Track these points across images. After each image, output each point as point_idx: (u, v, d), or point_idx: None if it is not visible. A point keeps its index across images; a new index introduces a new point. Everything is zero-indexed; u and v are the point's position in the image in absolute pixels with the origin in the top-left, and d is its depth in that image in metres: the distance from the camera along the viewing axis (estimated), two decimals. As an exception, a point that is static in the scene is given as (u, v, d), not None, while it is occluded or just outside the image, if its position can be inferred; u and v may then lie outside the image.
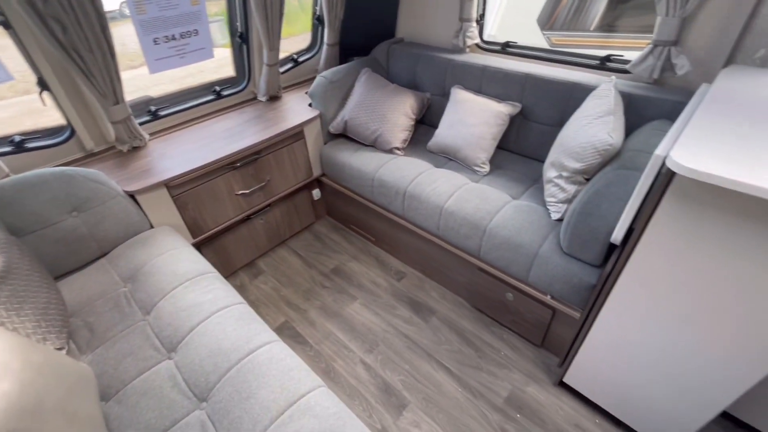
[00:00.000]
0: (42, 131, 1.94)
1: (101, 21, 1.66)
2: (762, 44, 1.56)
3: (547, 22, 2.98)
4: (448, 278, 2.24)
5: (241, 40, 2.44)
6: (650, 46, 1.80)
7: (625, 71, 1.99)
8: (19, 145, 1.85)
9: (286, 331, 2.12)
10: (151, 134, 2.25)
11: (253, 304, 2.29)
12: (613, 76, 1.87)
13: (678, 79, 1.84)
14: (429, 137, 2.47)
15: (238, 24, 2.38)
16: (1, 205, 1.50)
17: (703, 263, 1.06)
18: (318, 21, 2.79)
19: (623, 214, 1.26)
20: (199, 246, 2.20)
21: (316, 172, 2.63)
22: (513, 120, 2.22)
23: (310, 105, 2.56)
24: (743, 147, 0.96)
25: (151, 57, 2.08)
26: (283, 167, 2.40)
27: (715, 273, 1.05)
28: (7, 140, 1.82)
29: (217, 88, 2.53)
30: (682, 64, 1.76)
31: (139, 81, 2.95)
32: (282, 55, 2.59)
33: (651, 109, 1.76)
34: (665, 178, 1.03)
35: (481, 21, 2.53)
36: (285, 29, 2.43)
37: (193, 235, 2.11)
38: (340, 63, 2.90)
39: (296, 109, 2.53)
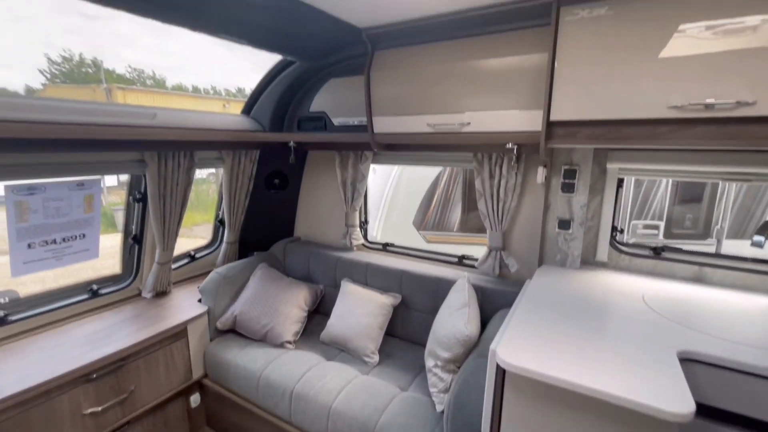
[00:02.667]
0: None
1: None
2: (556, 251, 2.14)
3: (421, 223, 3.72)
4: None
5: (133, 242, 2.50)
6: (487, 250, 2.33)
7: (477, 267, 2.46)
8: None
9: None
10: (-10, 343, 1.91)
11: None
12: (466, 273, 2.30)
13: (514, 273, 2.32)
14: (322, 327, 2.52)
15: (133, 227, 2.47)
16: None
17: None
18: (220, 223, 3.04)
19: (483, 405, 1.36)
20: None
21: (198, 373, 2.38)
22: (396, 309, 2.44)
23: (199, 301, 2.52)
24: (550, 340, 1.21)
25: (18, 260, 1.97)
26: (155, 373, 2.13)
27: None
28: None
29: (95, 287, 2.39)
30: (513, 264, 2.26)
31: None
32: (180, 251, 2.66)
33: (499, 299, 2.14)
34: (501, 370, 1.20)
35: (365, 225, 3.03)
36: (199, 216, 2.58)
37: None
38: (240, 257, 3.06)
39: (183, 306, 2.45)
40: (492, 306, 2.14)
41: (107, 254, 2.55)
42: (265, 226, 3.17)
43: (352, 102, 2.37)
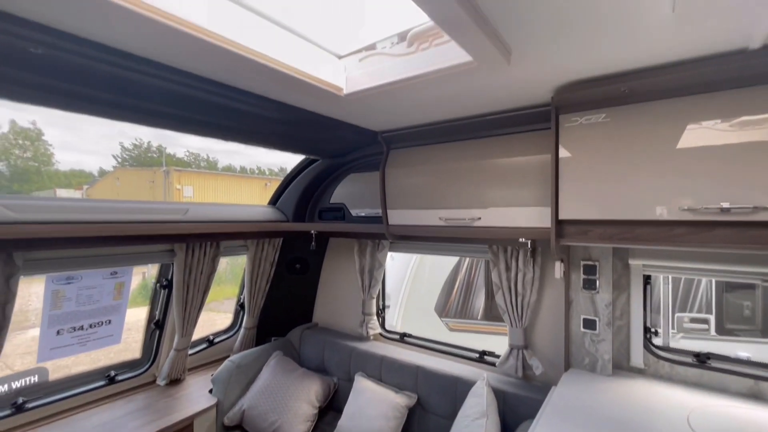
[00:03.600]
0: None
1: (2, 323, 1.73)
2: (584, 353, 1.96)
3: (443, 309, 3.58)
4: None
5: (155, 327, 2.57)
6: (508, 348, 2.18)
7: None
8: None
9: None
10: (7, 430, 1.93)
11: None
12: (486, 374, 2.13)
13: (540, 376, 2.12)
14: (333, 427, 2.35)
15: (157, 312, 2.56)
16: None
17: None
18: (240, 307, 3.09)
19: None
20: None
21: (198, 476, 2.23)
22: (412, 411, 2.26)
23: (210, 391, 2.47)
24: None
25: (46, 347, 2.07)
26: (155, 474, 2.03)
27: None
28: None
29: (113, 373, 2.42)
30: (537, 365, 2.08)
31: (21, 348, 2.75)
32: (206, 323, 2.69)
33: (522, 407, 1.93)
34: None
35: (382, 314, 2.97)
36: (230, 290, 2.64)
37: None
38: (257, 344, 3.03)
39: (193, 396, 2.40)
40: (514, 415, 1.93)
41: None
42: (284, 310, 3.18)
43: (369, 195, 2.49)
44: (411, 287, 3.60)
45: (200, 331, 2.71)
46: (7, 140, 20.43)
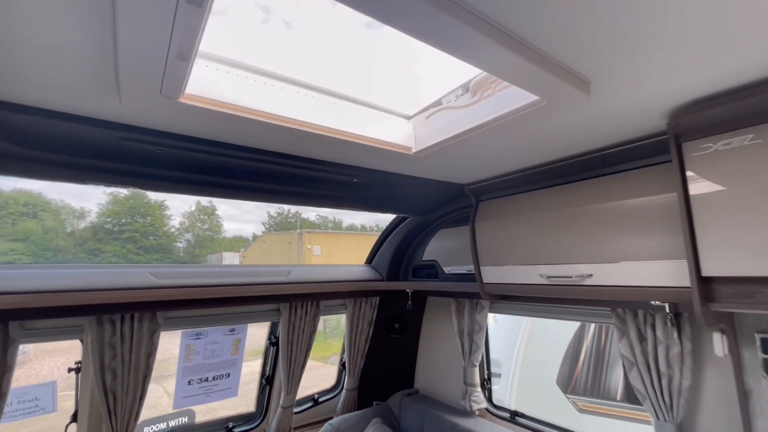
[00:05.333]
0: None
1: (146, 372, 2.07)
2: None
3: (567, 384, 2.96)
4: None
5: (266, 382, 2.75)
6: (656, 450, 1.63)
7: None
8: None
9: None
10: (143, 472, 2.23)
11: None
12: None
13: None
14: None
15: (267, 368, 2.75)
16: None
17: None
18: (343, 366, 3.12)
19: None
20: None
21: None
22: None
23: (310, 455, 2.45)
24: None
25: (179, 395, 2.39)
26: None
27: None
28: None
29: (231, 425, 2.63)
30: (705, 482, 1.49)
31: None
32: (307, 391, 2.78)
33: None
34: None
35: (488, 384, 2.61)
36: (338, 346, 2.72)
37: None
38: (359, 406, 2.97)
39: (294, 459, 2.42)
40: None
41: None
42: (385, 372, 3.08)
43: (461, 251, 2.33)
44: (525, 353, 3.12)
45: (313, 381, 2.80)
46: (194, 216, 26.52)
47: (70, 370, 2.05)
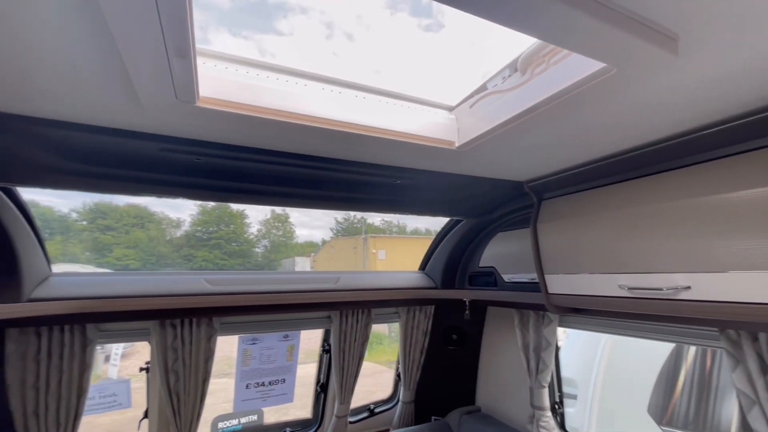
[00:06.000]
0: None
1: (205, 375, 2.15)
2: None
3: (662, 413, 2.47)
4: None
5: (320, 390, 2.73)
6: None
7: None
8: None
9: None
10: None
11: None
12: None
13: None
14: None
15: (321, 376, 2.73)
16: None
17: None
18: (399, 377, 2.99)
19: None
20: None
21: None
22: None
23: (364, 468, 2.36)
24: None
25: (239, 398, 2.46)
26: None
27: None
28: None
29: (288, 430, 2.65)
30: None
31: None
32: (361, 401, 2.71)
33: None
34: None
35: (560, 409, 2.29)
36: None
37: None
38: (416, 421, 2.82)
39: (348, 472, 2.34)
40: None
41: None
42: (443, 386, 2.89)
43: (522, 257, 2.07)
44: (606, 373, 2.70)
45: (378, 386, 2.72)
46: (269, 223, 28.50)
47: (141, 369, 2.21)
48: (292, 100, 1.16)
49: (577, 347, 2.94)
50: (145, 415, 2.22)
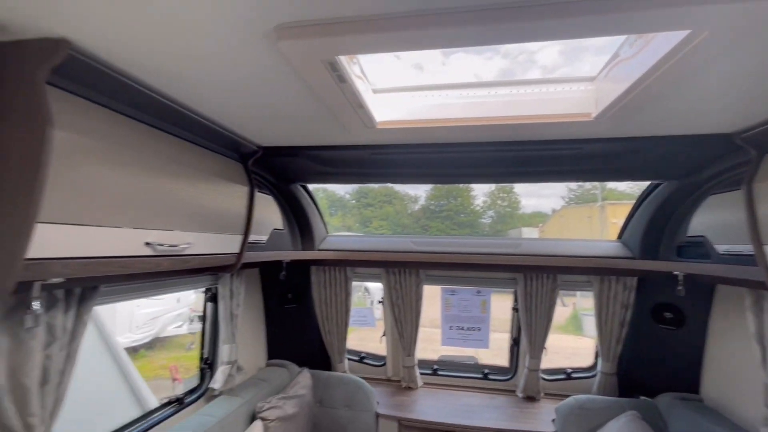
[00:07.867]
0: (372, 356, 3.32)
1: (417, 311, 2.90)
2: None
3: None
4: None
5: (513, 342, 3.05)
6: None
7: None
8: (360, 359, 3.27)
9: None
10: (425, 383, 3.13)
11: None
12: None
13: None
14: None
15: (514, 330, 3.04)
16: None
17: None
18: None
19: None
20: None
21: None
22: None
23: (553, 420, 2.57)
24: None
25: (445, 336, 3.14)
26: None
27: None
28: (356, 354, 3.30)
29: (486, 371, 3.14)
30: None
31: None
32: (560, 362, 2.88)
33: None
34: None
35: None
36: None
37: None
38: (621, 394, 2.71)
39: (540, 419, 2.61)
40: None
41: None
42: (653, 365, 2.62)
43: (741, 225, 1.70)
44: None
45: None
46: (494, 195, 28.99)
47: (379, 302, 3.20)
48: (439, 108, 1.57)
49: None
50: (384, 334, 3.22)
